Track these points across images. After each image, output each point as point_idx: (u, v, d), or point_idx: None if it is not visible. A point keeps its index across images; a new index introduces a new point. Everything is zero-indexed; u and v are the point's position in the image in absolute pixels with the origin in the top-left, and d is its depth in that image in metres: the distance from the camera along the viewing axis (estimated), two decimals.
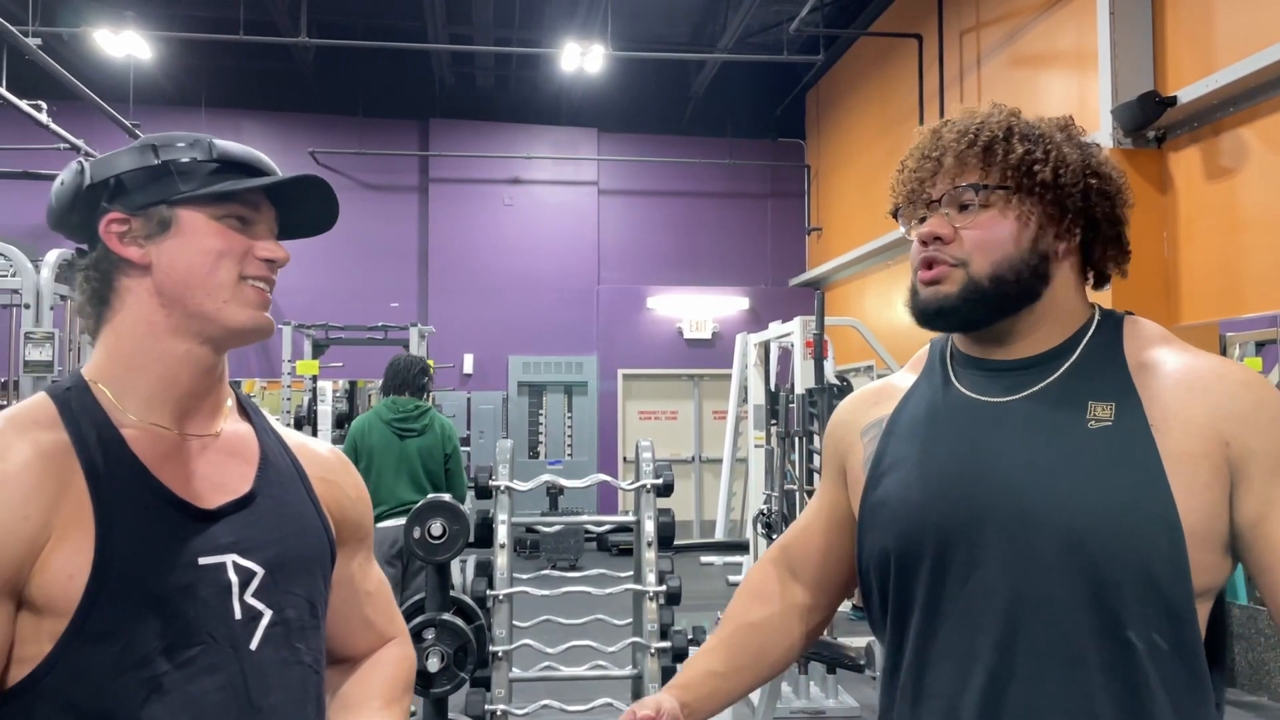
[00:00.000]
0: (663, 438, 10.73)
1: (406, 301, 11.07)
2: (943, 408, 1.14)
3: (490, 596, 4.37)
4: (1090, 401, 1.04)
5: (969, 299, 1.08)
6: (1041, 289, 1.09)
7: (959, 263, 1.08)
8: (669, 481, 4.42)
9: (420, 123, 11.35)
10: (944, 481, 1.08)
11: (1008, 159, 1.07)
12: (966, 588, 1.05)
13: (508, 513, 4.50)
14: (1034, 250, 1.07)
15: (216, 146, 1.08)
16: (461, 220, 11.29)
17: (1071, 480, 1.01)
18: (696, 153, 11.52)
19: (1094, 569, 0.99)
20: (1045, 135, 1.09)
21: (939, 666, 1.08)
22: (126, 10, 8.69)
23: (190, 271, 1.04)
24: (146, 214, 1.04)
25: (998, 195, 1.07)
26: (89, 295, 1.06)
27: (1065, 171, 1.07)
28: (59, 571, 0.94)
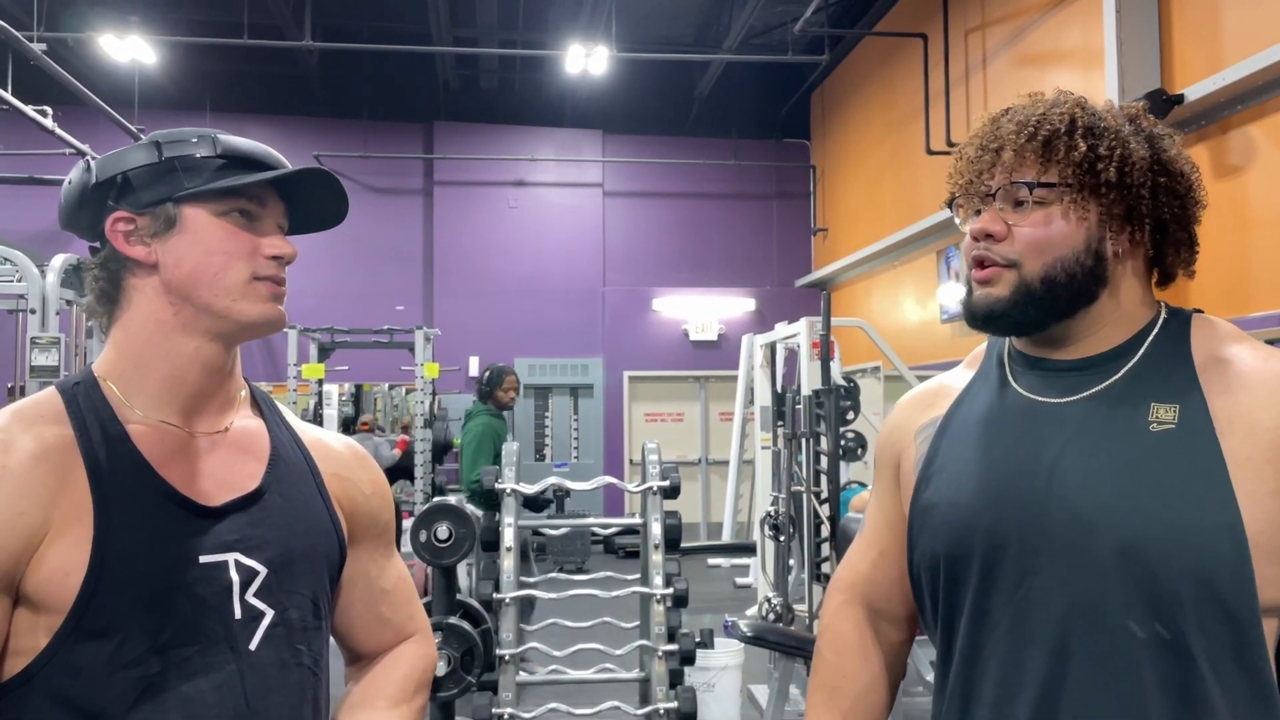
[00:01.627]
0: (669, 440, 10.71)
1: (412, 304, 11.07)
2: (998, 408, 1.10)
3: (497, 600, 4.36)
4: (1153, 403, 1.00)
5: (1019, 302, 1.03)
6: (1098, 291, 1.04)
7: (1010, 263, 1.04)
8: (676, 483, 4.41)
9: (425, 125, 11.35)
10: (997, 484, 1.04)
11: (1069, 156, 1.01)
12: (1018, 595, 1.01)
13: (514, 515, 4.49)
14: (1091, 252, 1.02)
15: (221, 141, 1.06)
16: (466, 223, 11.29)
17: (1131, 486, 0.97)
18: (701, 154, 11.51)
19: (1152, 578, 0.95)
20: (1111, 129, 1.03)
21: (988, 675, 1.04)
22: (131, 15, 8.70)
23: (197, 271, 1.03)
24: (152, 212, 1.03)
25: (1056, 193, 1.02)
26: (98, 294, 1.06)
27: (1131, 170, 1.01)
28: (56, 568, 0.94)
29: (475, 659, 2.94)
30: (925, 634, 1.19)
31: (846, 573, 1.28)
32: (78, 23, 8.72)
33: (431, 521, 3.16)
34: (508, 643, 3.82)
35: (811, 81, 11.39)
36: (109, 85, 9.28)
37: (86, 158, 1.06)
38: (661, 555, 4.56)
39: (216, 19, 9.33)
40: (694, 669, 4.12)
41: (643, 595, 4.17)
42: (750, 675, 4.76)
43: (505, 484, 4.71)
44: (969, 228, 1.08)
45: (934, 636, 1.14)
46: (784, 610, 5.37)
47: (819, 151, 11.72)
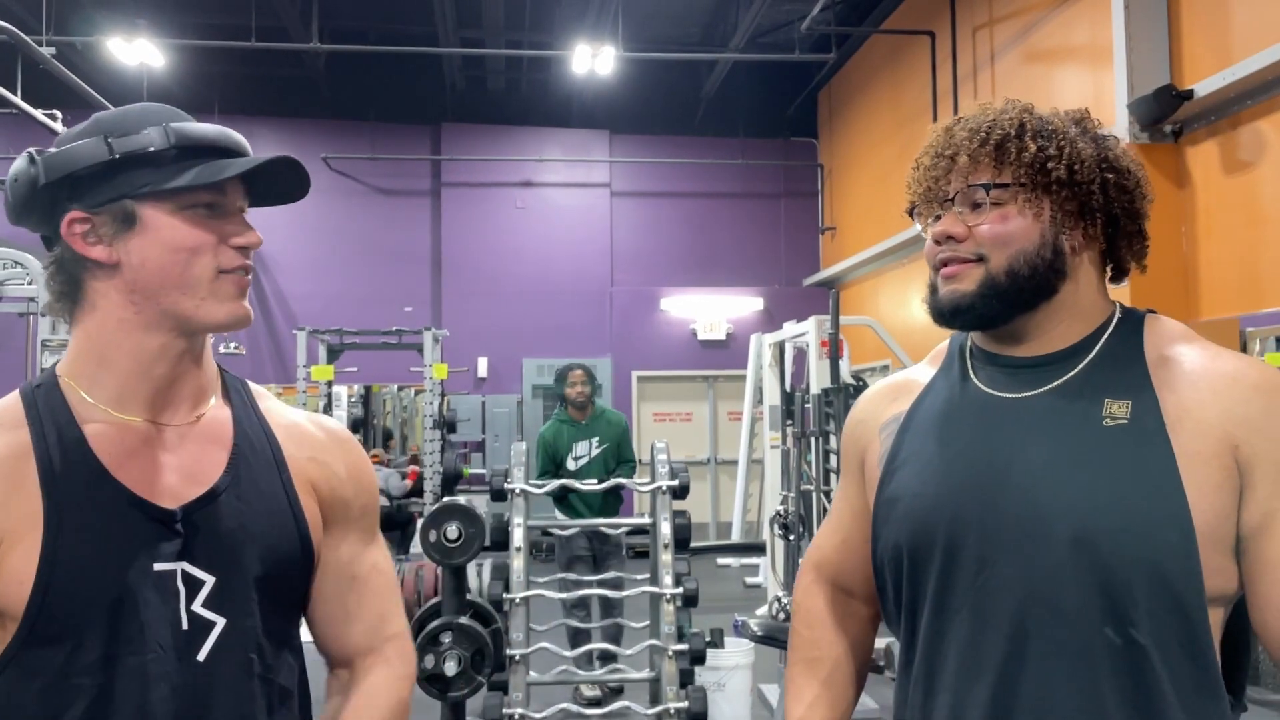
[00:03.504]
0: (678, 439, 10.70)
1: (420, 305, 11.09)
2: (960, 403, 1.13)
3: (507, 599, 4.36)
4: (1106, 399, 1.03)
5: (985, 295, 1.07)
6: (1059, 284, 1.08)
7: (978, 258, 1.07)
8: (685, 483, 4.40)
9: (432, 127, 11.37)
10: (957, 477, 1.08)
11: (1020, 157, 1.06)
12: (977, 583, 1.05)
13: (523, 516, 4.49)
14: (1049, 245, 1.06)
15: (173, 132, 1.00)
16: (474, 224, 11.30)
17: (1085, 478, 1.01)
18: (709, 153, 11.50)
19: (1105, 568, 0.99)
20: (1059, 131, 1.08)
21: (949, 663, 1.08)
22: (139, 18, 8.74)
23: (163, 270, 0.99)
24: (109, 210, 0.98)
25: (1010, 193, 1.07)
26: (56, 294, 1.02)
27: (1080, 168, 1.06)
28: (11, 576, 0.93)
29: (485, 659, 2.94)
30: (885, 622, 1.23)
31: (814, 554, 1.34)
32: (86, 26, 8.75)
33: (441, 521, 3.16)
34: (518, 643, 3.82)
35: (818, 80, 11.37)
36: (117, 89, 9.31)
37: (31, 150, 0.99)
38: (671, 555, 4.55)
39: (224, 22, 9.36)
40: (704, 669, 4.12)
41: (652, 595, 4.16)
42: (761, 674, 4.75)
43: (514, 484, 4.71)
44: (930, 232, 1.12)
45: (895, 625, 1.18)
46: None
47: (826, 150, 11.70)
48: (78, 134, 1.00)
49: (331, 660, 1.20)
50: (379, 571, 1.20)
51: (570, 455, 5.51)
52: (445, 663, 2.93)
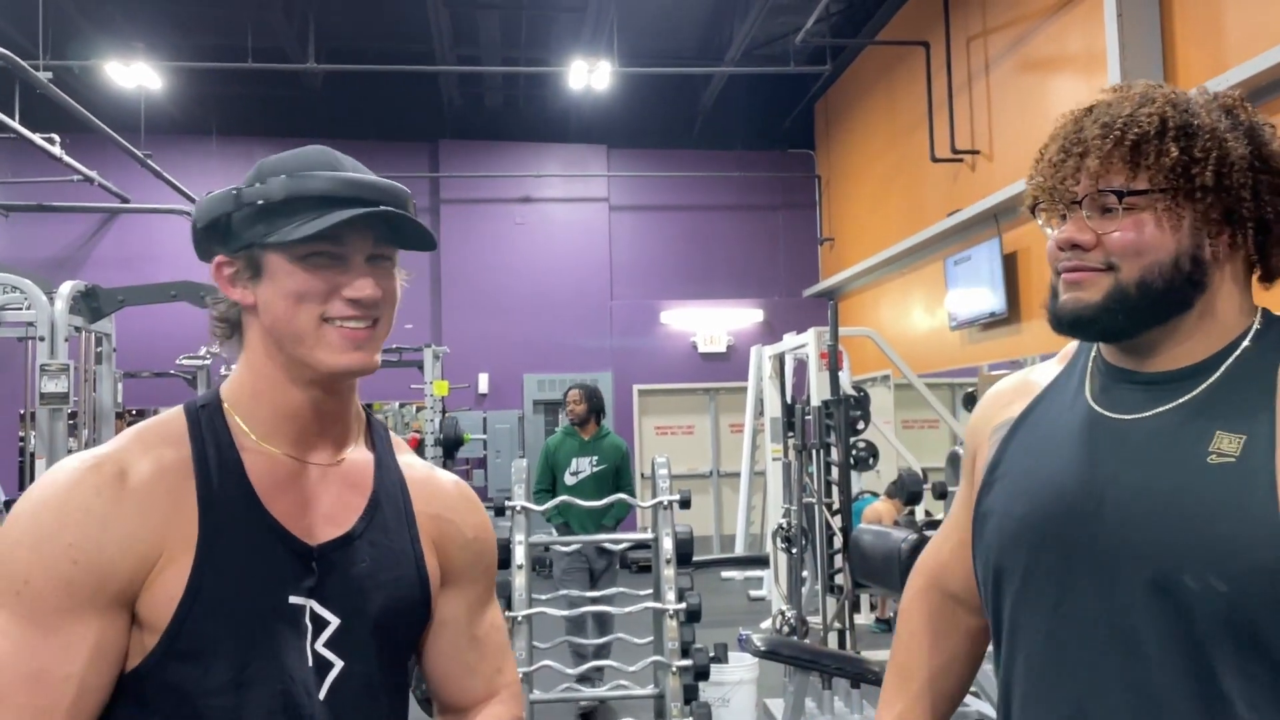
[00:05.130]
0: (679, 453, 10.68)
1: (420, 323, 11.09)
2: (1068, 418, 1.06)
3: (509, 618, 4.34)
4: (1219, 430, 0.94)
5: (1111, 308, 0.97)
6: (1195, 297, 0.97)
7: (1106, 266, 0.98)
8: (686, 498, 4.39)
9: (430, 144, 11.40)
10: (1048, 501, 1.02)
11: (1160, 161, 0.95)
12: (1058, 613, 1.01)
13: (525, 533, 4.48)
14: (1188, 257, 0.96)
15: (291, 184, 1.02)
16: (473, 240, 11.31)
17: (1175, 519, 0.93)
18: (706, 166, 11.52)
19: (1187, 615, 0.92)
20: (1206, 128, 0.96)
21: (1022, 692, 1.05)
22: (136, 41, 8.76)
23: (277, 317, 1.02)
24: (244, 256, 1.03)
25: (1148, 200, 0.96)
26: (220, 316, 1.08)
27: (1229, 172, 0.95)
28: (162, 591, 0.95)
29: None
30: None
31: (929, 557, 1.30)
32: (84, 50, 8.78)
33: None
34: (521, 661, 3.80)
35: (814, 92, 11.40)
36: (116, 111, 9.34)
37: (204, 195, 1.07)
38: (674, 570, 4.53)
39: (221, 43, 9.40)
40: (709, 684, 4.09)
41: (655, 611, 4.14)
42: (765, 689, 4.72)
43: (515, 501, 4.70)
44: (1055, 238, 1.02)
45: (994, 640, 1.14)
46: (798, 623, 5.34)
47: (824, 161, 11.72)
48: (250, 178, 1.06)
49: (443, 708, 1.24)
50: (497, 629, 1.25)
51: (568, 470, 5.60)
52: None
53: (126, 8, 9.00)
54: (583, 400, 5.76)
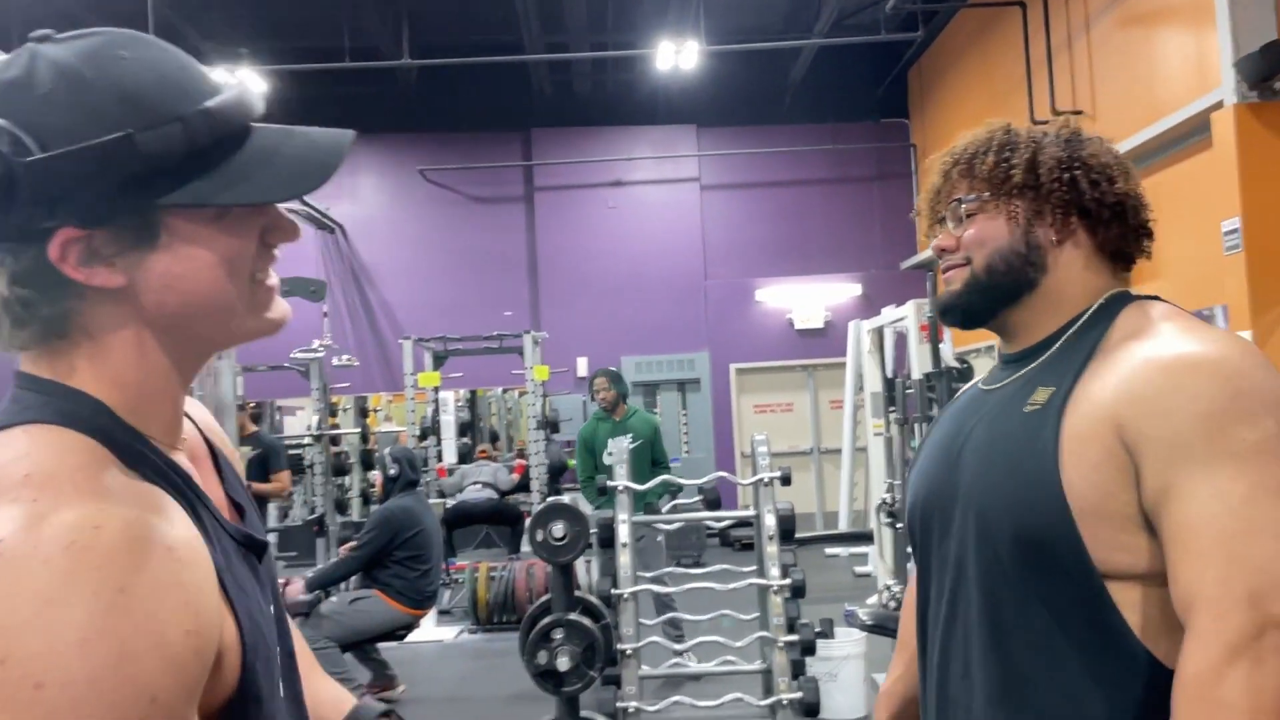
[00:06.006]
0: (779, 430, 10.64)
1: (519, 309, 11.28)
2: (963, 398, 1.30)
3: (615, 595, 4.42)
4: (1040, 387, 1.12)
5: (968, 291, 1.20)
6: (1038, 277, 1.17)
7: (965, 260, 1.20)
8: (786, 475, 4.39)
9: (522, 133, 11.55)
10: (930, 464, 1.24)
11: (982, 170, 1.19)
12: (935, 556, 1.20)
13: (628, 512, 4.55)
14: (1023, 240, 1.17)
15: (212, 115, 0.75)
16: (567, 226, 11.44)
17: (991, 461, 1.12)
18: (798, 140, 11.40)
19: (997, 543, 1.09)
20: (1024, 142, 1.19)
21: (923, 626, 1.24)
22: (241, 48, 9.11)
23: (194, 292, 0.76)
24: (121, 224, 0.72)
25: (979, 203, 1.20)
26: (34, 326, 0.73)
27: (1042, 170, 1.16)
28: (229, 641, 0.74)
29: (597, 654, 3.00)
30: None
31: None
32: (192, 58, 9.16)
33: (547, 520, 3.24)
34: (628, 637, 3.88)
35: (907, 59, 11.16)
36: None
37: (3, 122, 0.68)
38: (777, 546, 4.55)
39: (319, 45, 9.69)
40: (816, 659, 4.11)
41: (760, 587, 4.17)
42: (873, 664, 4.71)
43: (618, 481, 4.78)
44: (931, 248, 1.27)
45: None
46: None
47: (919, 130, 11.47)
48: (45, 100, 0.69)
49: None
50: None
51: (605, 451, 5.68)
52: (558, 658, 3.00)
53: (229, 15, 9.36)
54: (610, 386, 6.00)
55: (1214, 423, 0.98)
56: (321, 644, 4.82)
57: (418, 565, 5.08)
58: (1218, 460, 0.97)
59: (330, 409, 8.96)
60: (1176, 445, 0.99)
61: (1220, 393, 0.99)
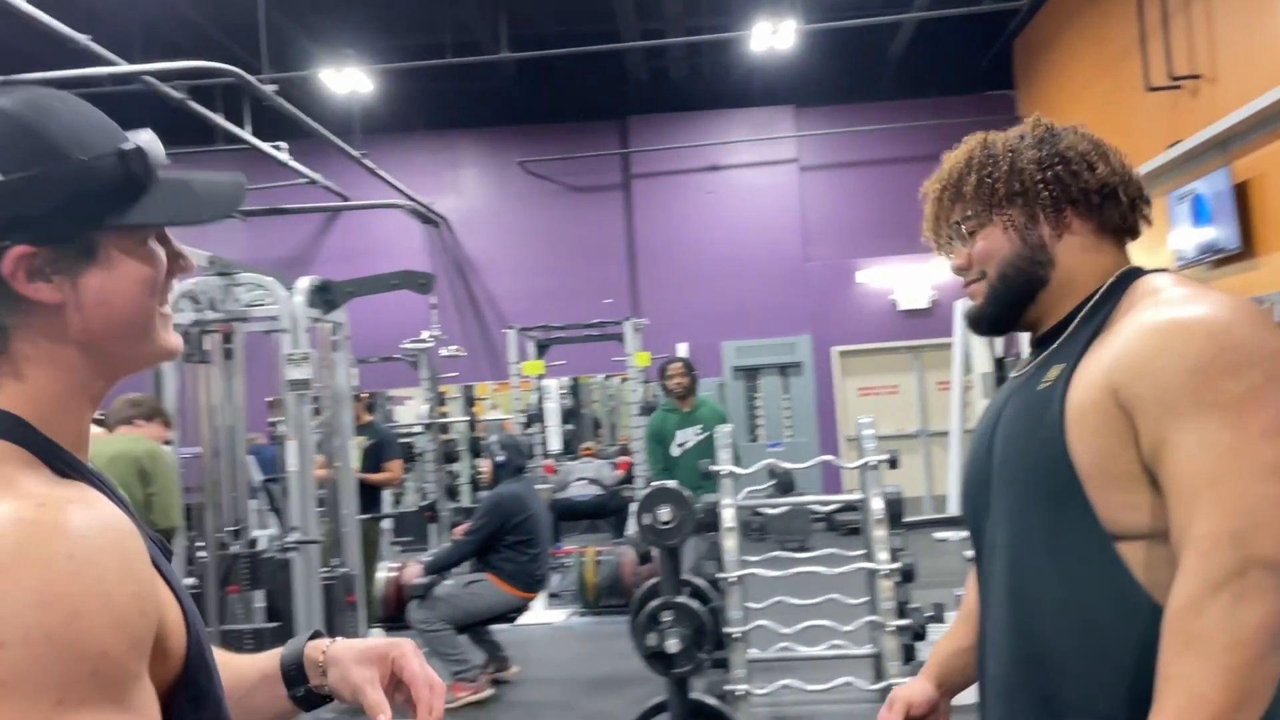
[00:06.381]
0: (884, 413, 10.48)
1: (620, 296, 11.36)
2: (1001, 391, 1.35)
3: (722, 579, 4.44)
4: (1053, 365, 1.18)
5: (990, 302, 1.27)
6: (1048, 272, 1.23)
7: (981, 275, 1.28)
8: (894, 458, 4.34)
9: (619, 121, 11.61)
10: (975, 449, 1.31)
11: (970, 190, 1.26)
12: (986, 537, 1.27)
13: (732, 496, 4.56)
14: (1027, 244, 1.23)
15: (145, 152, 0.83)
16: (665, 212, 11.47)
17: (1012, 439, 1.20)
18: (899, 117, 11.17)
19: (1019, 513, 1.18)
20: (1001, 153, 1.25)
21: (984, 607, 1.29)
22: (347, 48, 9.37)
23: (119, 309, 0.82)
24: (69, 244, 0.79)
25: (977, 221, 1.26)
26: None
27: (1024, 175, 1.22)
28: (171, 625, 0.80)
29: (705, 636, 3.03)
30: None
31: None
32: (303, 59, 9.48)
33: (653, 505, 3.27)
34: (736, 620, 3.89)
35: (1012, 29, 10.80)
36: (332, 115, 10.04)
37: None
38: (885, 530, 4.50)
39: (421, 42, 9.91)
40: (927, 644, 4.06)
41: (868, 571, 4.14)
42: None
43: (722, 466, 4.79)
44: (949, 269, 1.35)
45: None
46: None
47: (1026, 101, 11.11)
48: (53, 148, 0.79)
49: None
50: None
51: (674, 442, 5.69)
52: (667, 640, 3.03)
53: (335, 17, 9.64)
54: (685, 373, 5.88)
55: (1200, 377, 1.03)
56: (438, 627, 4.97)
57: (527, 549, 5.19)
58: (1205, 411, 1.02)
59: (439, 398, 9.20)
60: (1166, 401, 1.04)
61: (1205, 348, 1.04)
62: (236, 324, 5.07)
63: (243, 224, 11.33)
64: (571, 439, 9.94)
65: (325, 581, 5.04)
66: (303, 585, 4.86)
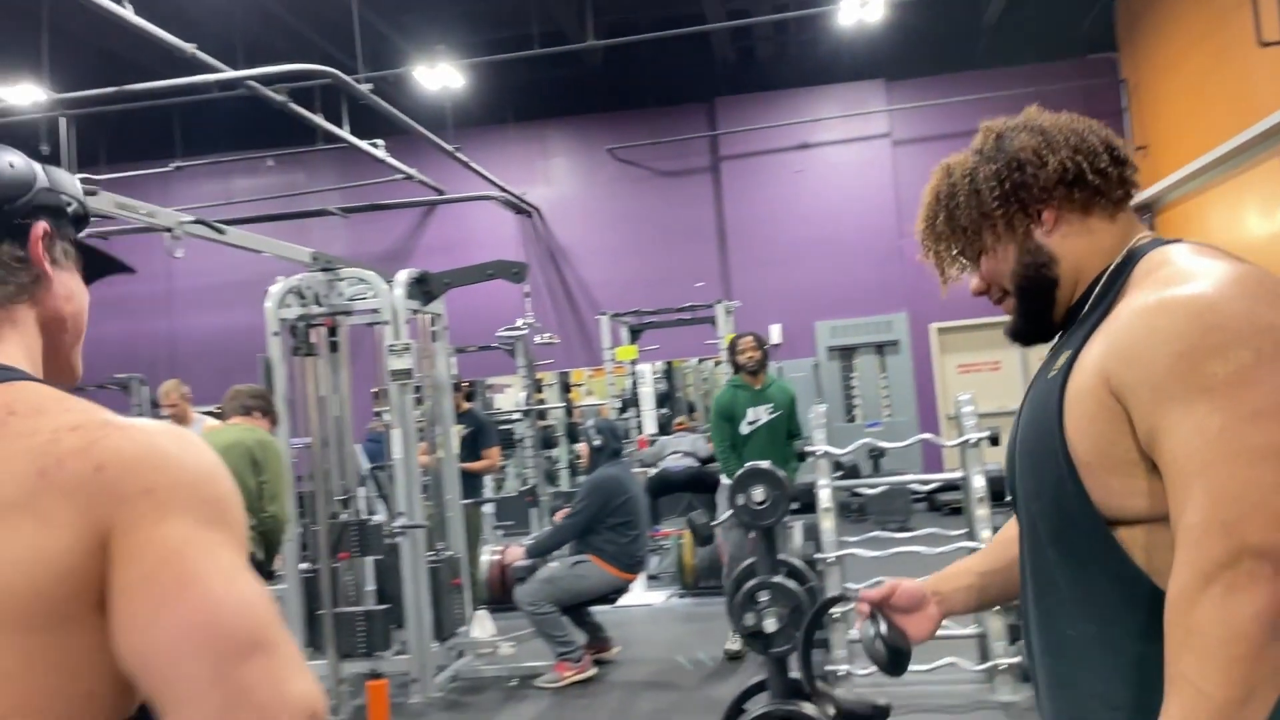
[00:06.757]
0: (986, 390, 10.24)
1: (710, 280, 11.35)
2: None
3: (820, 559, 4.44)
4: (1064, 352, 1.17)
5: (1020, 314, 1.28)
6: (1055, 270, 1.22)
7: (1004, 292, 1.29)
8: (995, 435, 4.27)
9: (707, 104, 11.58)
10: (1011, 435, 1.30)
11: (948, 225, 1.28)
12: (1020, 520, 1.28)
13: (828, 477, 4.54)
14: (1025, 250, 1.23)
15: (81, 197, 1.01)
16: (754, 193, 11.39)
17: (1024, 427, 1.21)
18: (995, 85, 10.84)
19: (1029, 501, 1.19)
20: (958, 181, 1.27)
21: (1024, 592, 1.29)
22: (438, 44, 9.55)
23: (79, 310, 0.98)
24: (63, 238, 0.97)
25: (971, 249, 1.29)
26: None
27: (985, 195, 1.23)
28: None
29: (803, 616, 3.04)
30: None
31: None
32: (396, 58, 9.70)
33: (747, 485, 3.29)
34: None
35: None
36: (425, 111, 10.26)
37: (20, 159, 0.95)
38: (987, 509, 4.43)
39: (509, 35, 10.04)
40: None
41: (970, 550, 4.08)
42: None
43: (817, 446, 4.77)
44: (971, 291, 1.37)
45: None
46: None
47: (1129, 63, 10.68)
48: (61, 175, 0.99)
49: None
50: None
51: (745, 420, 5.53)
52: (765, 620, 3.05)
53: (425, 15, 9.84)
54: (757, 347, 5.64)
55: (1186, 361, 1.00)
56: (545, 609, 5.08)
57: (628, 531, 5.27)
58: (1194, 396, 0.99)
59: (536, 385, 9.36)
60: (1156, 388, 1.02)
61: (1191, 330, 1.01)
62: (340, 317, 5.25)
63: (343, 220, 11.67)
64: (666, 423, 9.99)
65: (432, 565, 5.20)
66: (410, 568, 5.03)
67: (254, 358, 8.30)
